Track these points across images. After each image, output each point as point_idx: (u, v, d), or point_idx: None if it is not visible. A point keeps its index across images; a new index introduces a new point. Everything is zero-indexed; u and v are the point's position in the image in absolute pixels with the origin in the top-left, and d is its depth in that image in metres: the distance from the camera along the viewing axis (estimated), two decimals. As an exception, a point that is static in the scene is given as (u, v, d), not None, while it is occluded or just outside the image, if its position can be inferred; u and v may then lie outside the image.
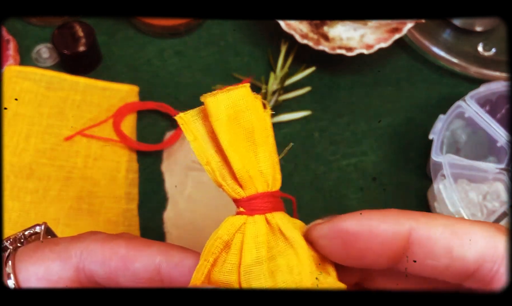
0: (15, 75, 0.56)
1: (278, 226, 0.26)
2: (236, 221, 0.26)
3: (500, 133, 0.53)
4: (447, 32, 0.67)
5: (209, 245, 0.26)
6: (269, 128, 0.28)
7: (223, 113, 0.26)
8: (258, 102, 0.27)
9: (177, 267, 0.27)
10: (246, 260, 0.25)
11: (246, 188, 0.26)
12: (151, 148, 0.56)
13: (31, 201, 0.51)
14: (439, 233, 0.24)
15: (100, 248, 0.27)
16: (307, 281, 0.25)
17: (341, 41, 0.62)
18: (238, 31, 0.66)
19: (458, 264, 0.24)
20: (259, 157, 0.27)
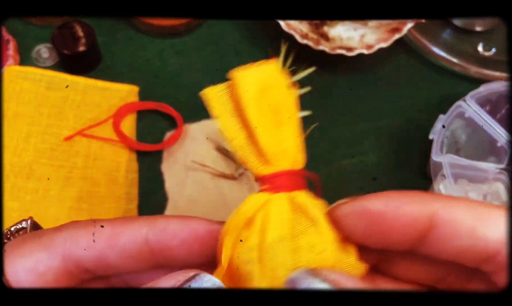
0: (15, 75, 0.56)
1: (301, 205, 0.26)
2: (259, 198, 0.26)
3: (500, 133, 0.53)
4: (447, 32, 0.67)
5: (232, 221, 0.25)
6: (295, 107, 0.27)
7: (252, 87, 0.26)
8: (287, 80, 0.27)
9: (163, 233, 0.27)
10: (269, 238, 0.25)
11: (270, 165, 0.26)
12: (151, 148, 0.56)
13: (31, 201, 0.51)
14: (463, 214, 0.24)
15: (83, 232, 0.27)
16: (329, 259, 0.25)
17: (341, 41, 0.62)
18: (238, 31, 0.66)
19: (481, 245, 0.24)
20: (284, 135, 0.27)
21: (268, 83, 0.26)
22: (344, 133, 0.60)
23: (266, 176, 0.26)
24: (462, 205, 0.24)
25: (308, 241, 0.25)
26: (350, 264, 0.26)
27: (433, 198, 0.25)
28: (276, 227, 0.25)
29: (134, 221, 0.28)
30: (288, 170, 0.27)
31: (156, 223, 0.27)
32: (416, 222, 0.25)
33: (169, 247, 0.27)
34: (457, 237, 0.24)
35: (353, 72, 0.64)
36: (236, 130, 0.26)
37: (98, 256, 0.27)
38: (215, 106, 0.26)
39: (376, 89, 0.63)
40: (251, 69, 0.26)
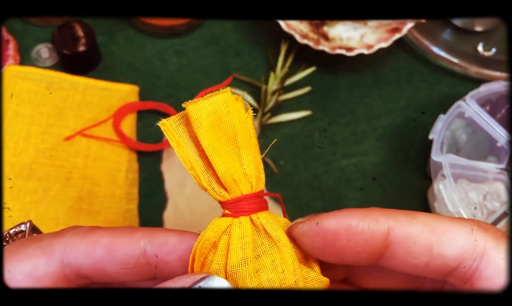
0: (15, 75, 0.56)
1: (263, 226, 0.27)
2: (222, 223, 0.27)
3: (500, 133, 0.53)
4: (447, 32, 0.67)
5: (198, 247, 0.27)
6: (252, 130, 0.28)
7: (205, 120, 0.27)
8: (240, 105, 0.28)
9: (161, 247, 0.28)
10: (233, 261, 0.26)
11: (230, 191, 0.27)
12: (151, 149, 0.56)
13: (31, 201, 0.51)
14: (419, 232, 0.25)
15: (82, 240, 0.27)
16: (290, 278, 0.26)
17: (341, 41, 0.62)
18: (238, 31, 0.66)
19: (438, 261, 0.25)
20: (243, 159, 0.27)
21: (222, 112, 0.27)
22: (344, 133, 0.60)
23: (227, 201, 0.27)
24: (418, 222, 0.25)
25: (270, 261, 0.26)
26: (313, 279, 0.27)
27: (389, 215, 0.25)
28: (239, 251, 0.26)
29: (133, 232, 0.28)
30: (248, 194, 0.27)
31: (155, 236, 0.28)
32: (369, 240, 0.25)
33: (167, 262, 0.28)
34: (413, 254, 0.25)
35: (353, 72, 0.64)
36: (195, 159, 0.27)
37: (96, 265, 0.27)
38: (172, 137, 0.27)
39: (376, 89, 0.63)
40: (203, 101, 0.27)
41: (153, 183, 0.55)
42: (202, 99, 0.27)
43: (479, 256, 0.24)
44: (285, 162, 0.58)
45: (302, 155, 0.58)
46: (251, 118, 0.28)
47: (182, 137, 0.27)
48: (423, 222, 0.25)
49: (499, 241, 0.24)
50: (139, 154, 0.56)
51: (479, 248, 0.24)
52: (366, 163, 0.58)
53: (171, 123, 0.27)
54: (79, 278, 0.28)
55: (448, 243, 0.24)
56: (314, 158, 0.58)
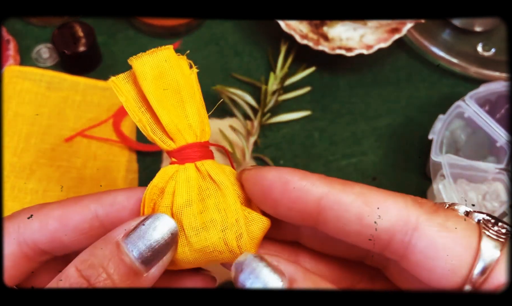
0: (15, 75, 0.56)
1: (208, 172, 0.29)
2: (168, 170, 0.29)
3: (500, 133, 0.53)
4: (447, 32, 0.67)
5: (147, 193, 0.29)
6: (196, 85, 0.30)
7: (148, 73, 0.28)
8: (183, 62, 0.30)
9: (112, 206, 0.29)
10: (178, 202, 0.28)
11: (176, 140, 0.29)
12: (151, 149, 0.56)
13: (31, 201, 0.51)
14: (351, 200, 0.26)
15: (35, 216, 0.28)
16: (232, 216, 0.28)
17: (341, 41, 0.62)
18: (238, 31, 0.66)
19: (368, 232, 0.25)
20: (187, 112, 0.29)
21: (165, 67, 0.29)
22: (344, 133, 0.60)
23: (173, 150, 0.29)
24: (352, 191, 0.26)
25: (214, 203, 0.29)
26: (254, 218, 0.29)
27: (326, 182, 0.26)
28: (184, 193, 0.28)
29: (82, 199, 0.29)
30: (193, 143, 0.29)
31: (103, 198, 0.29)
32: (301, 199, 0.26)
33: (120, 219, 0.29)
34: (344, 222, 0.26)
35: (353, 72, 0.64)
36: (142, 112, 0.29)
37: (52, 237, 0.28)
38: (121, 93, 0.29)
39: (376, 89, 0.63)
40: (146, 56, 0.29)
41: (153, 183, 0.55)
42: (145, 54, 0.29)
43: (411, 229, 0.25)
44: (285, 162, 0.58)
45: (302, 155, 0.58)
46: (195, 75, 0.30)
47: (130, 93, 0.29)
48: (357, 192, 0.26)
49: (433, 215, 0.25)
50: (139, 154, 0.56)
51: (411, 222, 0.25)
52: (365, 163, 0.58)
53: (119, 80, 0.29)
54: (38, 255, 0.29)
55: (379, 215, 0.25)
56: (314, 158, 0.58)
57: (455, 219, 0.25)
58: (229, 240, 0.28)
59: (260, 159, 0.57)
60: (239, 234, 0.28)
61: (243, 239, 0.28)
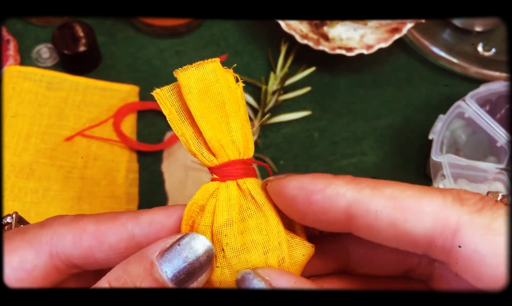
0: (16, 75, 0.56)
1: (249, 191, 0.28)
2: (209, 187, 0.28)
3: (500, 133, 0.53)
4: (447, 32, 0.67)
5: (187, 210, 0.28)
6: (241, 100, 0.29)
7: (194, 86, 0.28)
8: (229, 76, 0.29)
9: (150, 226, 0.28)
10: (218, 221, 0.27)
11: (218, 156, 0.28)
12: (151, 149, 0.56)
13: (31, 201, 0.51)
14: (381, 207, 0.23)
15: (69, 229, 0.27)
16: (274, 240, 0.27)
17: (341, 41, 0.62)
18: (238, 31, 0.66)
19: (404, 238, 0.23)
20: (231, 127, 0.28)
21: (210, 80, 0.28)
22: (344, 133, 0.60)
23: (215, 166, 0.28)
24: (382, 195, 0.23)
25: (255, 224, 0.27)
26: (297, 243, 0.28)
27: (352, 187, 0.24)
28: (224, 212, 0.27)
29: (119, 217, 0.28)
30: (235, 160, 0.28)
31: (141, 217, 0.28)
32: (327, 210, 0.25)
33: (157, 239, 0.27)
34: (376, 229, 0.24)
35: (353, 72, 0.64)
36: (185, 125, 0.28)
37: (85, 253, 0.27)
38: (165, 105, 0.28)
39: (376, 89, 0.63)
40: (192, 69, 0.28)
41: (153, 183, 0.55)
42: (191, 66, 0.28)
43: (451, 234, 0.22)
44: (285, 162, 0.58)
45: (302, 155, 0.58)
46: (241, 90, 0.29)
47: (173, 106, 0.28)
48: (388, 195, 0.23)
49: (476, 215, 0.22)
50: (139, 154, 0.56)
51: (451, 225, 0.22)
52: (366, 163, 0.58)
53: (164, 92, 0.28)
54: (70, 268, 0.28)
55: (413, 221, 0.23)
56: (314, 158, 0.58)
57: (503, 219, 0.22)
58: (271, 263, 0.26)
59: (260, 159, 0.57)
60: (281, 258, 0.27)
61: (286, 263, 0.27)
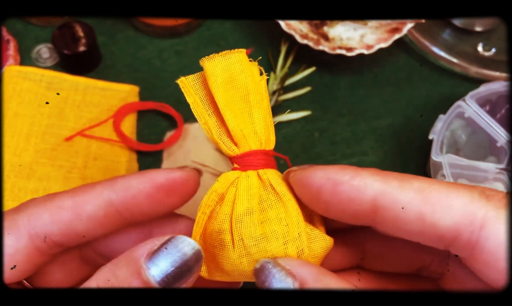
0: (15, 75, 0.56)
1: (270, 181, 0.28)
2: (230, 176, 0.28)
3: (500, 133, 0.53)
4: (447, 32, 0.67)
5: (205, 198, 0.28)
6: (264, 92, 0.29)
7: (219, 75, 0.28)
8: (254, 67, 0.29)
9: (126, 191, 0.27)
10: (238, 210, 0.27)
11: (240, 146, 0.28)
12: (151, 149, 0.56)
13: (31, 201, 0.51)
14: (409, 199, 0.23)
15: (45, 208, 0.27)
16: (294, 230, 0.27)
17: (341, 41, 0.62)
18: (238, 31, 0.66)
19: (431, 232, 0.23)
20: (254, 118, 0.28)
21: (236, 70, 0.28)
22: (344, 133, 0.60)
23: (236, 155, 0.28)
24: (410, 188, 0.24)
25: (275, 214, 0.27)
26: (316, 236, 0.27)
27: (381, 178, 0.24)
28: (244, 201, 0.27)
29: (94, 186, 0.28)
30: (257, 150, 0.28)
31: (116, 183, 0.28)
32: (354, 201, 0.24)
33: (135, 204, 0.28)
34: (403, 222, 0.24)
35: (353, 72, 0.64)
36: (209, 114, 0.28)
37: (65, 229, 0.27)
38: (189, 94, 0.28)
39: (376, 89, 0.63)
40: (219, 57, 0.28)
41: (153, 183, 0.55)
42: (217, 55, 0.28)
43: (477, 228, 0.22)
44: (285, 162, 0.58)
45: (302, 155, 0.58)
46: (265, 82, 0.29)
47: (198, 94, 0.28)
48: (416, 188, 0.23)
49: (502, 210, 0.22)
50: (139, 154, 0.56)
51: (478, 218, 0.22)
52: (366, 163, 0.58)
53: (189, 81, 0.28)
54: (51, 247, 0.28)
55: (442, 213, 0.23)
56: (314, 158, 0.58)
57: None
58: (291, 254, 0.26)
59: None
60: (301, 249, 0.27)
61: (305, 254, 0.27)
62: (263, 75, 0.29)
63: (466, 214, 0.23)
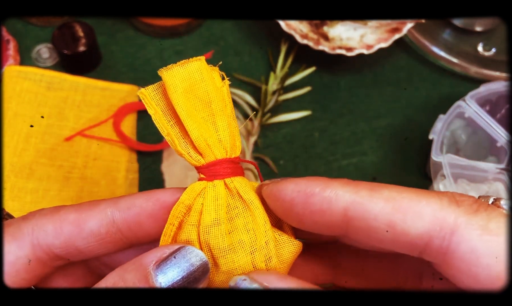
0: (15, 75, 0.56)
1: (237, 190, 0.28)
2: (196, 187, 0.28)
3: (500, 133, 0.53)
4: (447, 32, 0.67)
5: (173, 210, 0.27)
6: (227, 98, 0.29)
7: (179, 85, 0.27)
8: (215, 74, 0.29)
9: (129, 210, 0.27)
10: (205, 221, 0.27)
11: (205, 156, 0.28)
12: (151, 149, 0.56)
13: (31, 201, 0.51)
14: (380, 208, 0.23)
15: (49, 220, 0.27)
16: (261, 239, 0.27)
17: (341, 41, 0.62)
18: (238, 31, 0.66)
19: (402, 239, 0.23)
20: (218, 126, 0.28)
21: (196, 79, 0.28)
22: (344, 133, 0.60)
23: (202, 165, 0.28)
24: (381, 197, 0.24)
25: (243, 223, 0.27)
26: (285, 241, 0.27)
27: (350, 189, 0.24)
28: (212, 212, 0.27)
29: (98, 203, 0.28)
30: (222, 159, 0.28)
31: (120, 202, 0.28)
32: (326, 212, 0.25)
33: (138, 223, 0.28)
34: (374, 231, 0.24)
35: (353, 72, 0.64)
36: (171, 125, 0.28)
37: (66, 242, 0.27)
38: (150, 105, 0.28)
39: (376, 89, 0.63)
40: (177, 68, 0.28)
41: (153, 183, 0.55)
42: (176, 65, 0.28)
43: (448, 234, 0.22)
44: (285, 162, 0.58)
45: (302, 155, 0.58)
46: (227, 87, 0.29)
47: (159, 105, 0.28)
48: (386, 196, 0.24)
49: (473, 215, 0.23)
50: (139, 154, 0.56)
51: (449, 225, 0.23)
52: (366, 163, 0.58)
53: (149, 92, 0.28)
54: (52, 259, 0.28)
55: (412, 221, 0.23)
56: (314, 158, 0.58)
57: (498, 219, 0.22)
58: (258, 263, 0.26)
59: (260, 159, 0.57)
60: (268, 257, 0.27)
61: (272, 262, 0.27)
62: (224, 80, 0.29)
63: (436, 220, 0.23)
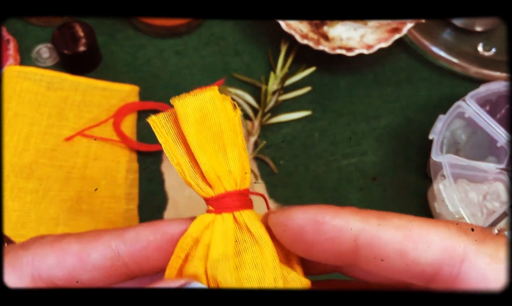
0: (15, 75, 0.56)
1: (246, 223, 0.27)
2: (205, 219, 0.27)
3: (500, 133, 0.53)
4: (447, 32, 0.67)
5: (180, 242, 0.27)
6: (239, 128, 0.28)
7: (191, 115, 0.27)
8: (227, 104, 0.28)
9: (135, 244, 0.27)
10: (213, 255, 0.26)
11: (214, 188, 0.28)
12: (151, 149, 0.56)
13: (31, 201, 0.51)
14: (390, 236, 0.23)
15: (50, 250, 0.26)
16: (269, 275, 0.26)
17: (341, 41, 0.62)
18: (238, 31, 0.66)
19: (414, 269, 0.23)
20: (228, 157, 0.28)
21: (208, 109, 0.28)
22: (344, 133, 0.60)
23: (211, 197, 0.28)
24: (391, 225, 0.24)
25: (251, 258, 0.27)
26: (293, 279, 0.27)
27: (361, 216, 0.24)
28: (220, 246, 0.26)
29: (102, 235, 0.27)
30: (232, 191, 0.28)
31: (125, 235, 0.27)
32: (336, 240, 0.24)
33: (144, 257, 0.27)
34: (385, 259, 0.24)
35: (353, 72, 0.64)
36: (181, 155, 0.28)
37: (69, 274, 0.26)
38: (160, 133, 0.28)
39: (376, 89, 0.63)
40: (189, 97, 0.28)
41: (153, 183, 0.55)
42: (188, 95, 0.28)
43: (458, 262, 0.23)
44: (285, 162, 0.58)
45: (302, 155, 0.58)
46: (239, 117, 0.28)
47: (169, 134, 0.28)
48: (396, 225, 0.24)
49: (481, 244, 0.23)
50: (139, 154, 0.56)
51: (458, 253, 0.23)
52: (366, 163, 0.58)
53: (160, 119, 0.28)
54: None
55: (423, 249, 0.23)
56: (314, 158, 0.58)
57: (505, 248, 0.23)
58: None
59: (260, 159, 0.57)
60: None
61: None
62: (236, 109, 0.28)
63: (446, 248, 0.23)
